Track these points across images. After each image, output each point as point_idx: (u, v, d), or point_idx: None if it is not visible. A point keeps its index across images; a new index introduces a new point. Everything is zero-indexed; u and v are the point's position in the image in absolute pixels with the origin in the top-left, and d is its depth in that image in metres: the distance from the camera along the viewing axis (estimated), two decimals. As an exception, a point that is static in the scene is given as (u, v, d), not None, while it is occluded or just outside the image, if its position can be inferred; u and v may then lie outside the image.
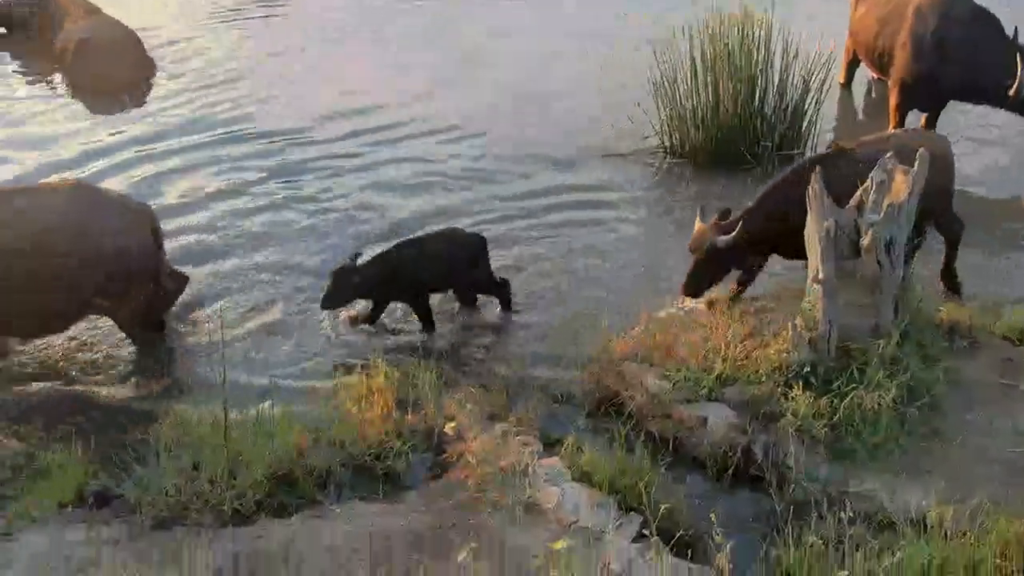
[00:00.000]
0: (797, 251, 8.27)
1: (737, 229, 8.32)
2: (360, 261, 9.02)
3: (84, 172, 11.81)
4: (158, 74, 15.07)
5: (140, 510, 6.64)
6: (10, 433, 7.58)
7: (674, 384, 7.68)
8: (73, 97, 14.43)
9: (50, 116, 13.79)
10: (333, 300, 8.92)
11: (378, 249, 9.49)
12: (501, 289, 9.36)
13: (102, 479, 7.09)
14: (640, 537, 6.20)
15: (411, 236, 9.63)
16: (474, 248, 9.24)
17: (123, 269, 8.40)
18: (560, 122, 13.32)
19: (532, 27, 16.33)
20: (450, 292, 9.46)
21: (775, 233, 8.48)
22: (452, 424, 7.42)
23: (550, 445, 7.31)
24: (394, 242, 9.46)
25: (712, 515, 5.47)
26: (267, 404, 7.68)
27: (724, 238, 8.38)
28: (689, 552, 6.12)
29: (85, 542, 6.32)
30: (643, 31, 13.67)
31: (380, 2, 17.59)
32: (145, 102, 14.25)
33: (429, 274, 9.08)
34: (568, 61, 14.94)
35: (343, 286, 8.85)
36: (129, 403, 8.44)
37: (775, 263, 9.02)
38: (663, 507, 5.85)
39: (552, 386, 8.15)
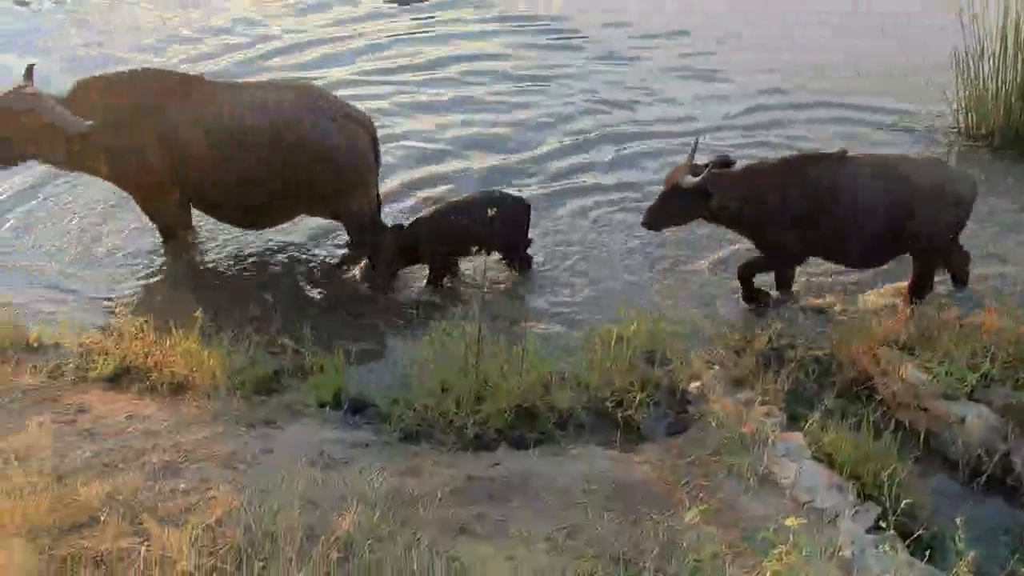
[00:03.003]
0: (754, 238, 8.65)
1: (703, 175, 8.18)
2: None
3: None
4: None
5: (390, 421, 7.02)
6: (284, 332, 8.15)
7: (934, 376, 7.34)
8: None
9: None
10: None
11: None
12: (522, 261, 9.29)
13: (359, 385, 7.53)
14: (876, 528, 6.01)
15: (452, 200, 9.52)
16: (517, 213, 9.13)
17: (337, 171, 8.77)
18: (859, 87, 13.06)
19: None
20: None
21: (739, 209, 8.37)
22: (696, 384, 7.40)
23: (793, 419, 7.16)
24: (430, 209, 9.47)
25: (958, 519, 5.21)
26: (520, 336, 7.92)
27: (689, 179, 8.21)
28: (927, 553, 5.88)
29: (338, 442, 6.73)
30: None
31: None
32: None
33: (466, 237, 8.91)
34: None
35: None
36: (388, 316, 8.91)
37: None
38: (904, 501, 5.66)
39: (803, 360, 7.95)
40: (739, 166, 8.62)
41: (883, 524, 5.77)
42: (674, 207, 8.47)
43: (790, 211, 8.37)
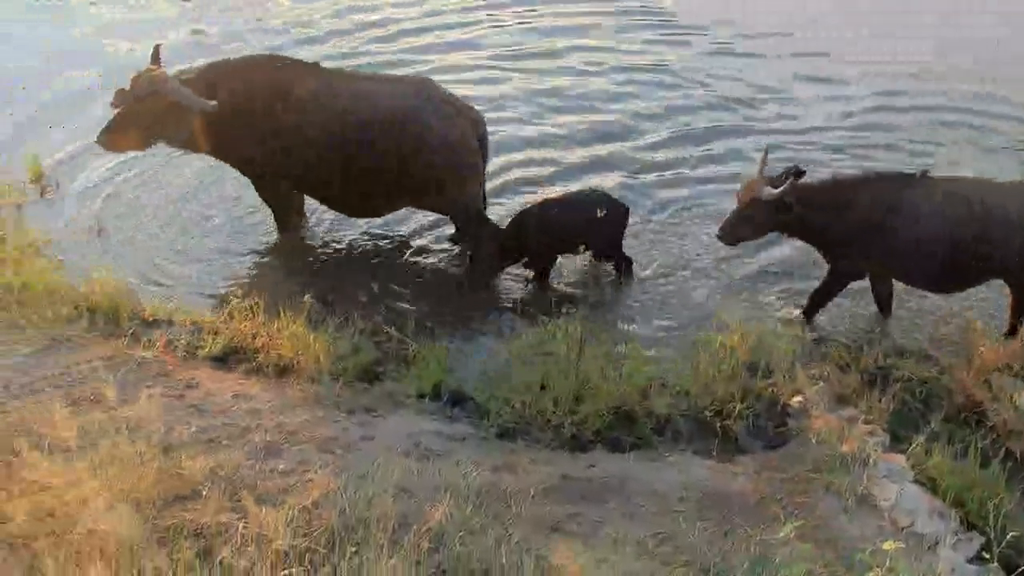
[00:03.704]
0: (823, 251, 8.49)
1: (784, 187, 8.02)
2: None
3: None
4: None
5: (488, 416, 7.06)
6: (388, 321, 8.26)
7: (1049, 406, 7.11)
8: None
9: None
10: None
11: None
12: (627, 263, 9.28)
13: (459, 379, 7.59)
14: (979, 559, 5.84)
15: (555, 196, 9.49)
16: (617, 214, 9.10)
17: (442, 164, 8.86)
18: (981, 93, 12.84)
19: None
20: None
21: (817, 221, 8.19)
22: (798, 398, 7.28)
23: (897, 441, 7.00)
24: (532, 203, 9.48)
25: (1068, 556, 5.04)
26: (620, 338, 7.90)
27: (769, 190, 8.04)
28: (1033, 590, 5.70)
29: (435, 433, 6.80)
30: None
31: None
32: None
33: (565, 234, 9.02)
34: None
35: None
36: (491, 311, 8.97)
37: None
38: (1011, 533, 5.48)
39: (910, 381, 7.75)
40: (811, 176, 8.45)
41: (986, 555, 5.60)
42: (752, 219, 8.31)
43: (861, 227, 8.18)
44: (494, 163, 10.52)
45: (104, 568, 4.69)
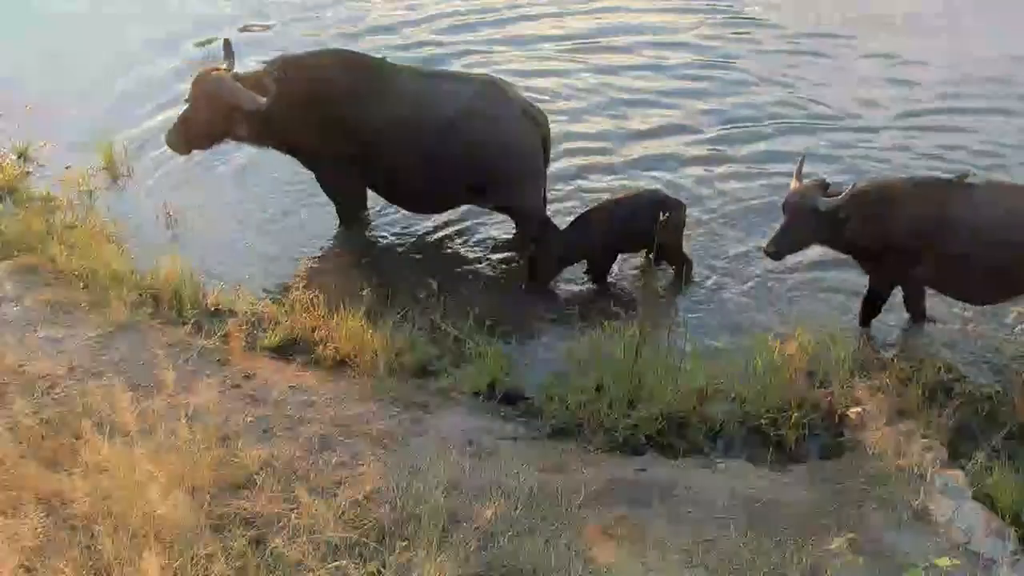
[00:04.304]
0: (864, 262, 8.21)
1: (843, 195, 7.72)
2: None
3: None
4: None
5: (541, 416, 7.07)
6: (446, 318, 8.30)
7: (1120, 424, 6.94)
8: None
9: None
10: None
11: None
12: (682, 264, 9.15)
13: (514, 377, 7.60)
14: (1037, 582, 5.72)
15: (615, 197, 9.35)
16: (676, 213, 8.94)
17: (505, 164, 8.88)
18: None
19: None
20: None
21: (858, 231, 7.84)
22: (856, 409, 7.20)
23: (956, 457, 6.88)
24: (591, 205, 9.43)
25: None
26: (677, 342, 7.86)
27: (827, 200, 7.75)
28: (1092, 616, 5.58)
29: (488, 431, 6.83)
30: None
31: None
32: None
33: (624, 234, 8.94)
34: None
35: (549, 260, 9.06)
36: (549, 311, 8.95)
37: None
38: (1073, 556, 5.37)
39: (973, 396, 7.61)
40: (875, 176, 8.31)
41: (1046, 578, 5.50)
42: (803, 232, 8.00)
43: (895, 236, 7.91)
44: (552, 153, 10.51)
45: (159, 552, 4.78)
